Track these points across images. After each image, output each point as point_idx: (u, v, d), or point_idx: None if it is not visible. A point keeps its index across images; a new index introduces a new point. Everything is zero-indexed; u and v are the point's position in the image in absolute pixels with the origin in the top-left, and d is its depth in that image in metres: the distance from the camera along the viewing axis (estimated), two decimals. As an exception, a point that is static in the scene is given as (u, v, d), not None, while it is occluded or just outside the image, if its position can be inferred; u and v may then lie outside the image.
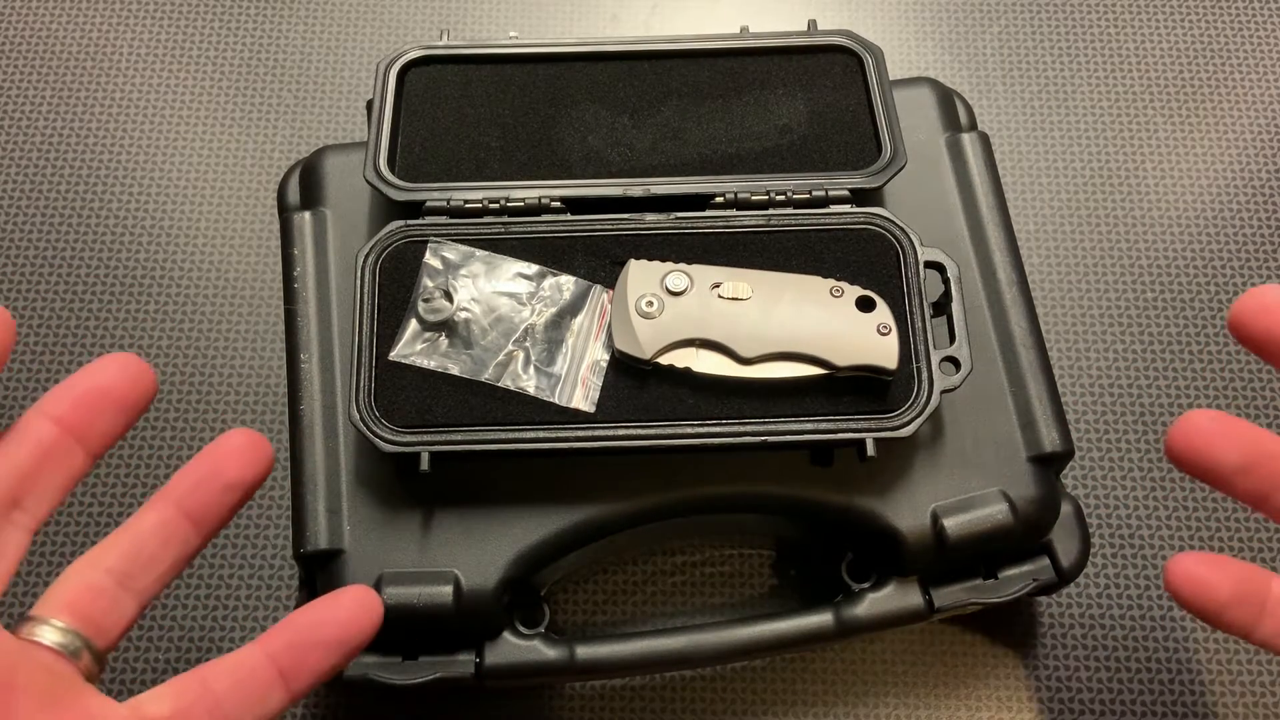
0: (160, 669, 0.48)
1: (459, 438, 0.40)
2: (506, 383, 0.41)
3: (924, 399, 0.40)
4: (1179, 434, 0.32)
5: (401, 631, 0.41)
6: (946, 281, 0.43)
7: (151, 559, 0.31)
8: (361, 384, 0.41)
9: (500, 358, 0.42)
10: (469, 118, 0.47)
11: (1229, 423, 0.32)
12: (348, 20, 0.63)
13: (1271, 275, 0.56)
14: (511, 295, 0.43)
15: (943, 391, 0.40)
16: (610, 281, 0.43)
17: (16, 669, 0.28)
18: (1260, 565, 0.33)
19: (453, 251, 0.43)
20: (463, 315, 0.42)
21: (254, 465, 0.33)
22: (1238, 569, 0.33)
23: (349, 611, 0.32)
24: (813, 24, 0.49)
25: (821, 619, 0.43)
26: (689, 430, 0.40)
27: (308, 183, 0.48)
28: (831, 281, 0.42)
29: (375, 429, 0.40)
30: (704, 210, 0.44)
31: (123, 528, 0.32)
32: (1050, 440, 0.43)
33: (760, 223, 0.44)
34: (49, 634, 0.29)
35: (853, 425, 0.40)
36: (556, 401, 0.41)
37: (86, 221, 0.58)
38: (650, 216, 0.44)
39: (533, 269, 0.43)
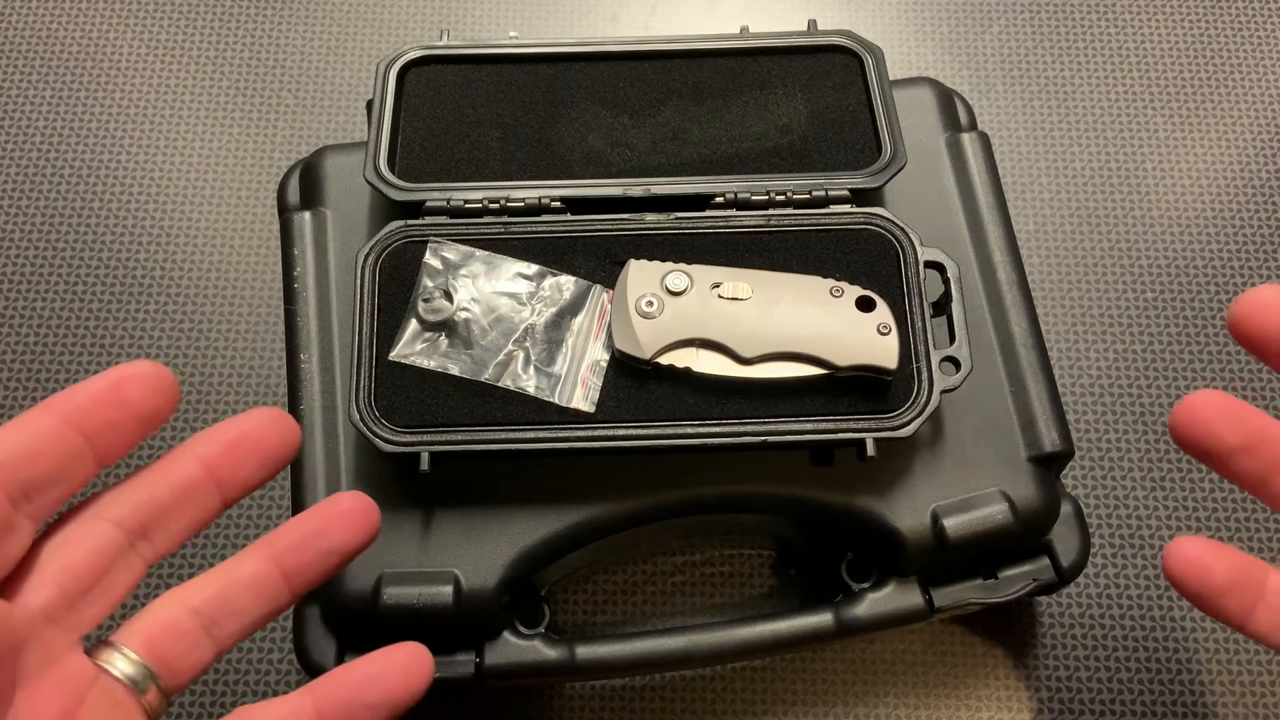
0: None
1: (459, 438, 0.40)
2: (506, 383, 0.41)
3: (924, 399, 0.40)
4: (1183, 412, 0.32)
5: (401, 631, 0.41)
6: (946, 281, 0.43)
7: (240, 611, 0.31)
8: (361, 384, 0.41)
9: (500, 358, 0.42)
10: (469, 118, 0.47)
11: (1232, 404, 0.33)
12: (348, 20, 0.63)
13: (1271, 275, 0.56)
14: (511, 295, 0.43)
15: (943, 391, 0.40)
16: (610, 281, 0.43)
17: (85, 697, 0.28)
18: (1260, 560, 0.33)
19: (453, 251, 0.43)
20: (463, 315, 0.42)
21: (360, 532, 0.32)
22: (1237, 557, 0.33)
23: (401, 674, 0.31)
24: (813, 24, 0.49)
25: (821, 619, 0.43)
26: (689, 430, 0.40)
27: (308, 183, 0.48)
28: (831, 281, 0.42)
29: (375, 429, 0.40)
30: (704, 210, 0.44)
31: (219, 570, 0.31)
32: (1050, 440, 0.43)
33: (760, 223, 0.44)
34: (121, 664, 0.29)
35: (853, 425, 0.40)
36: (556, 401, 0.41)
37: (86, 221, 0.58)
38: (650, 216, 0.44)
39: (533, 269, 0.43)
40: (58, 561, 0.29)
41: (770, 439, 0.40)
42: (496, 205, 0.44)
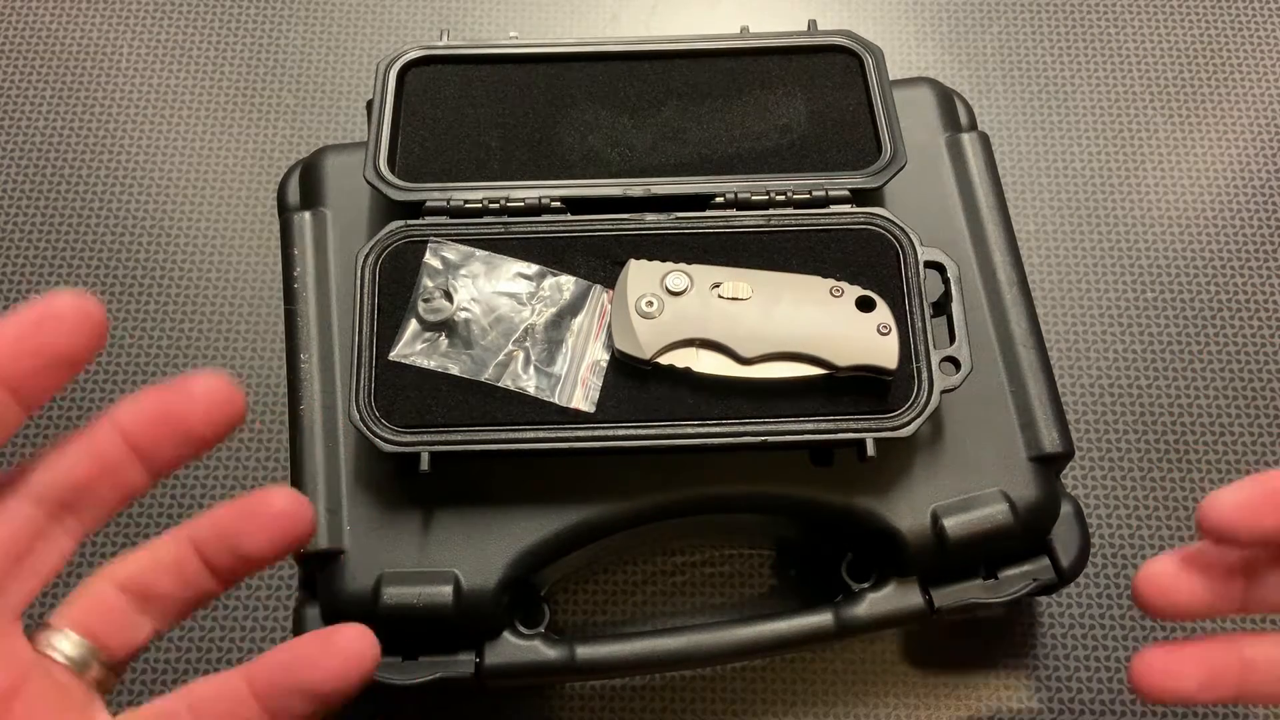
0: (160, 668, 0.48)
1: (459, 438, 0.40)
2: (506, 383, 0.41)
3: (924, 399, 0.40)
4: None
5: (401, 631, 0.41)
6: (946, 281, 0.43)
7: (166, 594, 0.30)
8: (361, 384, 0.41)
9: (500, 358, 0.42)
10: (469, 118, 0.47)
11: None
12: (348, 20, 0.63)
13: (1272, 275, 0.56)
14: (511, 295, 0.43)
15: (943, 391, 0.40)
16: (610, 281, 0.43)
17: (28, 680, 0.28)
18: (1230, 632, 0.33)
19: (453, 251, 0.43)
20: (463, 315, 0.42)
21: (285, 535, 0.30)
22: (1203, 650, 0.33)
23: (340, 659, 0.29)
24: (813, 24, 0.49)
25: (821, 619, 0.43)
26: (689, 430, 0.40)
27: (308, 183, 0.48)
28: (831, 281, 0.42)
29: (375, 429, 0.40)
30: (704, 210, 0.44)
31: (143, 550, 0.30)
32: (1050, 440, 0.43)
33: (760, 223, 0.44)
34: (62, 644, 0.29)
35: (853, 425, 0.40)
36: (556, 401, 0.41)
37: (86, 221, 0.58)
38: (650, 216, 0.44)
39: (533, 269, 0.43)
40: None
41: (770, 439, 0.40)
42: (496, 205, 0.44)
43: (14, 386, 0.27)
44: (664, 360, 0.41)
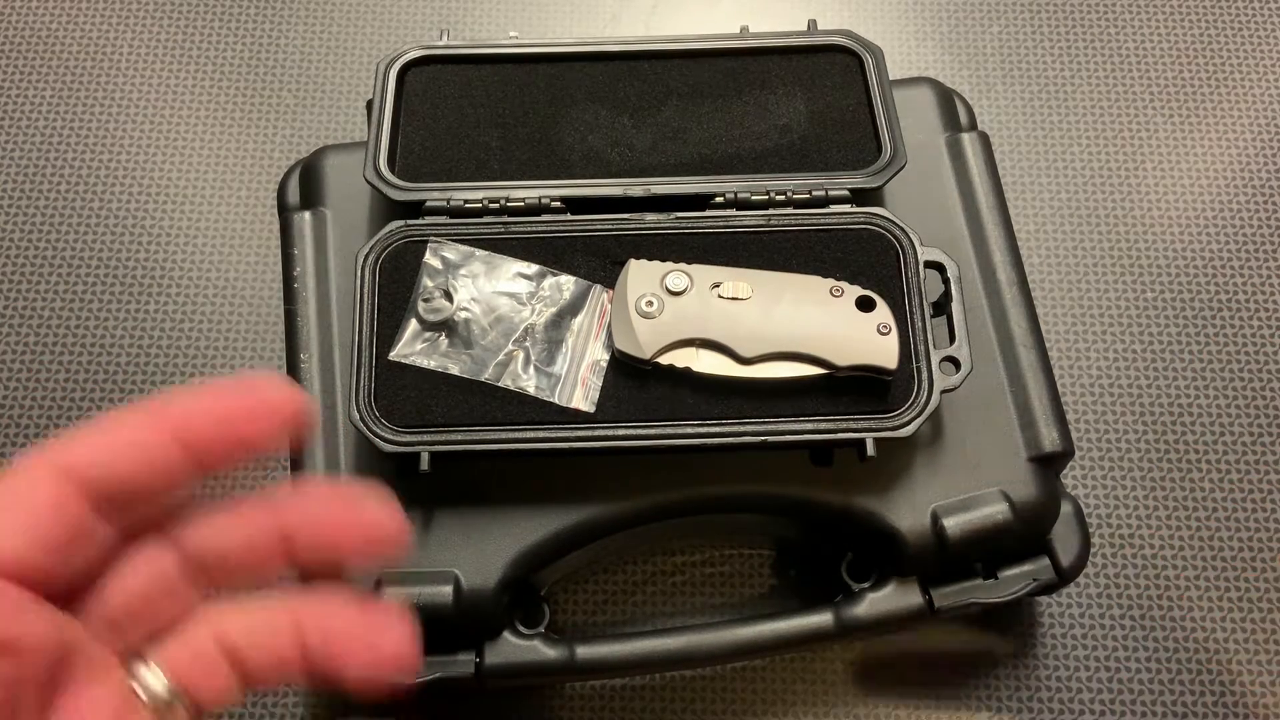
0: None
1: (459, 438, 0.40)
2: (506, 383, 0.41)
3: (924, 399, 0.40)
4: None
5: (401, 631, 0.41)
6: (946, 281, 0.43)
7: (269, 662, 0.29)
8: (361, 384, 0.41)
9: (500, 358, 0.42)
10: (469, 118, 0.47)
11: None
12: (348, 20, 0.63)
13: (1272, 275, 0.56)
14: (511, 295, 0.43)
15: (943, 391, 0.40)
16: (610, 281, 0.43)
17: (122, 717, 0.27)
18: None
19: (453, 251, 0.43)
20: (463, 315, 0.42)
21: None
22: None
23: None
24: (813, 24, 0.49)
25: (821, 619, 0.43)
26: (689, 430, 0.40)
27: (308, 183, 0.48)
28: (831, 281, 0.42)
29: (375, 429, 0.40)
30: (704, 210, 0.44)
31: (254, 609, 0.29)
32: (1050, 440, 0.43)
33: (760, 223, 0.44)
34: (151, 681, 0.28)
35: (853, 425, 0.40)
36: (556, 401, 0.41)
37: (86, 221, 0.58)
38: (650, 216, 0.44)
39: (533, 269, 0.43)
40: (118, 582, 0.28)
41: (770, 439, 0.40)
42: (496, 205, 0.44)
43: (203, 460, 0.27)
44: (664, 360, 0.41)
